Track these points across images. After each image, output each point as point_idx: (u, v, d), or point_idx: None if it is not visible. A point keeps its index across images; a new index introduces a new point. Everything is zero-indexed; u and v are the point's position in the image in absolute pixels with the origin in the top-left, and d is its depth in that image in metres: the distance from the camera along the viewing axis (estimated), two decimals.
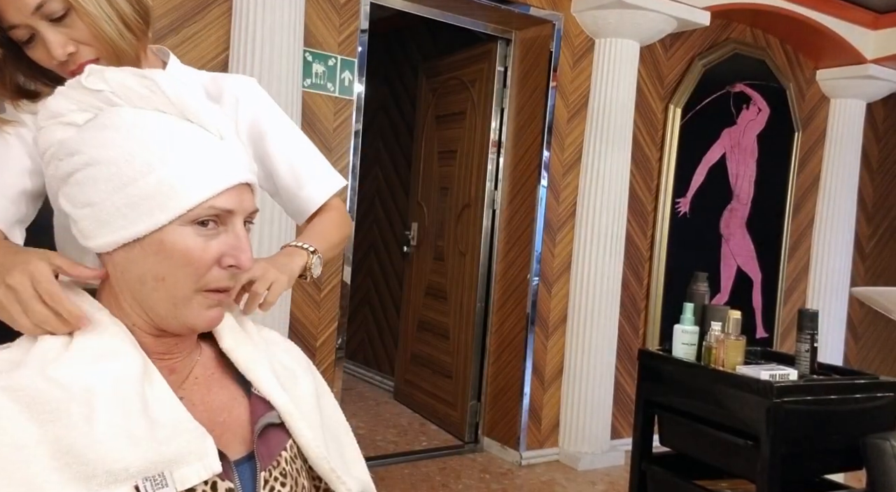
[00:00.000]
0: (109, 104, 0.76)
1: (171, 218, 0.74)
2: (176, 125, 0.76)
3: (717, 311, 2.19)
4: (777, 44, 4.26)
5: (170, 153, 0.74)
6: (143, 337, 0.79)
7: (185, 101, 0.76)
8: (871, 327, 4.95)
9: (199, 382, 0.83)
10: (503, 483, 3.28)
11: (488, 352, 3.72)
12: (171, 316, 0.77)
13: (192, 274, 0.75)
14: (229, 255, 0.77)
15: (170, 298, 0.76)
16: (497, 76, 3.66)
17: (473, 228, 3.74)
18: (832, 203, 4.43)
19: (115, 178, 0.73)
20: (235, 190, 0.77)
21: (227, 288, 0.79)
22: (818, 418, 2.01)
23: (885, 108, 4.82)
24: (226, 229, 0.78)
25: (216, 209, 0.76)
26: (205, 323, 0.79)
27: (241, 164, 0.79)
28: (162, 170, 0.73)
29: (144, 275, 0.76)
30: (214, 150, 0.77)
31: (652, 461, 2.34)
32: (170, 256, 0.74)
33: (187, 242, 0.75)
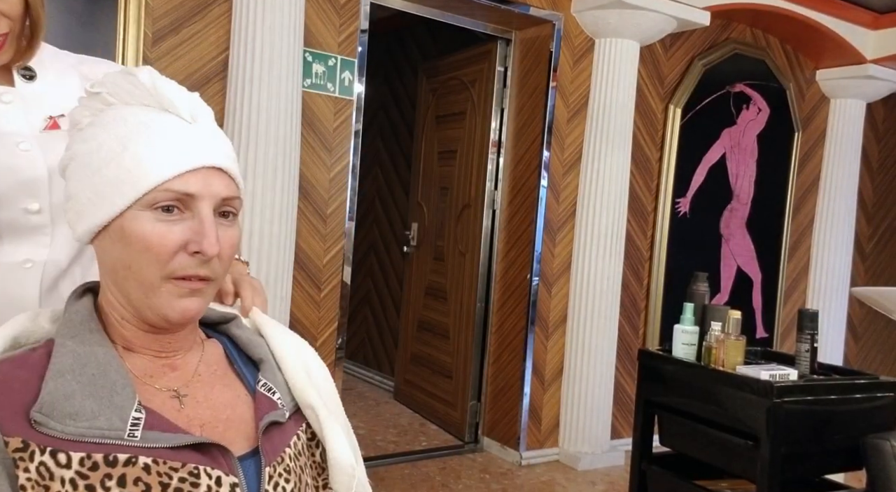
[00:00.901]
0: (106, 105, 0.78)
1: (127, 203, 0.73)
2: (149, 115, 0.76)
3: (717, 311, 2.19)
4: (777, 44, 4.26)
5: (134, 140, 0.74)
6: (133, 332, 0.78)
7: (160, 91, 0.76)
8: (871, 327, 4.95)
9: (202, 379, 0.81)
10: (503, 483, 3.28)
11: (488, 352, 3.73)
12: (144, 306, 0.76)
13: (153, 261, 0.73)
14: (193, 241, 0.74)
15: (139, 287, 0.75)
16: (497, 76, 3.66)
17: (473, 228, 3.74)
18: (832, 203, 4.43)
19: (87, 168, 0.76)
20: (200, 174, 0.75)
21: (196, 276, 0.75)
22: (818, 419, 2.01)
23: (885, 108, 4.82)
24: (192, 215, 0.75)
25: (174, 192, 0.73)
26: (178, 313, 0.76)
27: (209, 147, 0.77)
28: (124, 156, 0.74)
29: (115, 263, 0.75)
30: (180, 134, 0.76)
31: (652, 461, 2.34)
32: (130, 242, 0.73)
33: (145, 227, 0.73)
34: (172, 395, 0.78)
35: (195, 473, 0.71)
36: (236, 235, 0.80)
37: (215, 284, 0.79)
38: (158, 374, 0.79)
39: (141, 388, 0.76)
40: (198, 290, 0.76)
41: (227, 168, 0.78)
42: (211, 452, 0.73)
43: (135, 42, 2.51)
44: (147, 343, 0.79)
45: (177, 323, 0.77)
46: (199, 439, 0.73)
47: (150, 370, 0.79)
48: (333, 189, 3.01)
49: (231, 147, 0.82)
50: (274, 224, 2.54)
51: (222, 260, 0.78)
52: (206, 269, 0.76)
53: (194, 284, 0.75)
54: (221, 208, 0.78)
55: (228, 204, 0.78)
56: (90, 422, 0.69)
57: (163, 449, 0.70)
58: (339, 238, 3.05)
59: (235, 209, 0.80)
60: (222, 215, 0.78)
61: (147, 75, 0.77)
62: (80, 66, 1.16)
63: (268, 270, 2.57)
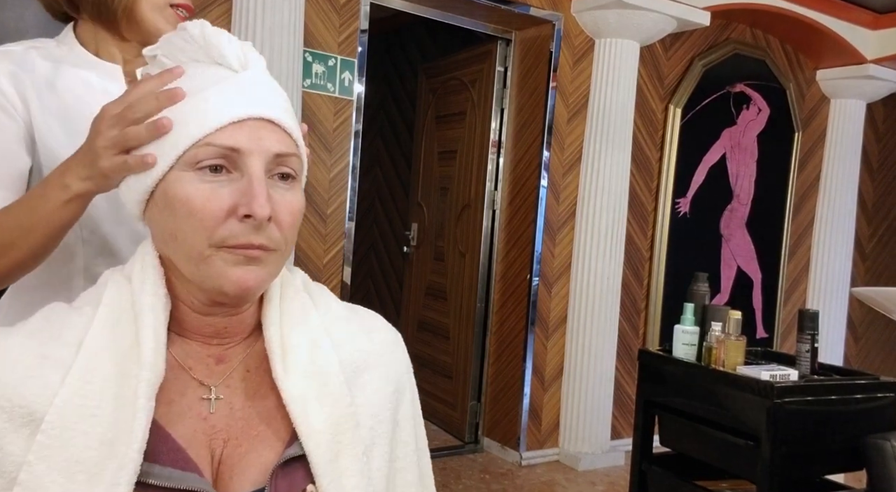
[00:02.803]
0: (161, 68, 0.72)
1: (169, 163, 0.66)
2: (197, 68, 0.69)
3: (717, 311, 2.19)
4: (777, 44, 4.26)
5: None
6: (189, 315, 0.70)
7: (209, 39, 0.69)
8: (871, 328, 4.95)
9: (248, 378, 0.71)
10: (503, 483, 3.28)
11: (488, 352, 3.72)
12: (197, 279, 0.66)
13: (199, 227, 0.64)
14: (242, 203, 0.64)
15: (188, 258, 0.66)
16: (497, 76, 3.66)
17: (473, 228, 3.74)
18: (832, 203, 4.43)
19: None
20: (248, 127, 0.66)
21: (250, 244, 0.65)
22: (819, 419, 2.01)
23: (886, 108, 4.82)
24: (241, 176, 0.65)
25: (217, 147, 0.65)
26: (233, 284, 0.65)
27: (258, 96, 0.68)
28: (167, 115, 0.68)
29: (163, 234, 0.67)
30: (225, 83, 0.67)
31: (652, 462, 2.33)
32: (174, 208, 0.65)
33: (187, 189, 0.65)
34: (205, 397, 0.69)
35: None
36: (297, 200, 0.69)
37: (278, 255, 0.68)
38: (201, 365, 0.70)
39: (176, 380, 0.68)
40: (255, 258, 0.66)
41: (279, 120, 0.68)
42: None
43: None
44: (199, 326, 0.70)
45: (234, 295, 0.66)
46: (186, 485, 0.63)
47: (193, 359, 0.70)
48: (333, 189, 3.01)
49: (286, 98, 0.72)
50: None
51: (281, 227, 0.67)
52: (261, 236, 0.65)
53: (250, 252, 0.65)
54: (276, 169, 0.68)
55: (284, 163, 0.68)
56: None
57: (150, 488, 0.62)
58: (339, 238, 3.05)
59: (294, 170, 0.69)
60: (280, 177, 0.68)
61: (197, 27, 0.70)
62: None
63: None
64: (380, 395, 0.74)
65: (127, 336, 0.66)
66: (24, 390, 0.61)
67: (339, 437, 0.69)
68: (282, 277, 0.75)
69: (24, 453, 0.60)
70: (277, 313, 0.73)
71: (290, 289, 0.75)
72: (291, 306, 0.74)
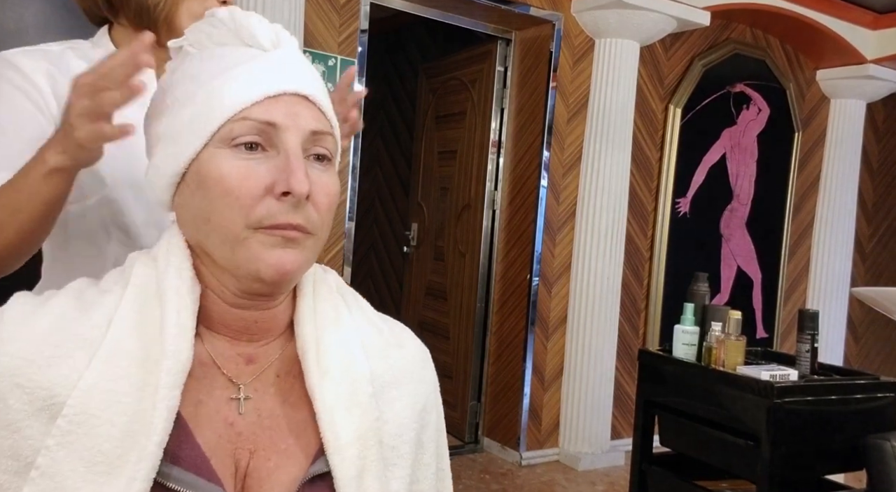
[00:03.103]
0: (186, 58, 0.70)
1: (203, 139, 0.62)
2: (226, 50, 0.67)
3: (717, 311, 2.19)
4: (777, 44, 4.26)
5: (208, 74, 0.65)
6: (219, 307, 0.66)
7: (239, 22, 0.67)
8: (871, 328, 4.95)
9: (278, 383, 0.67)
10: (503, 483, 3.28)
11: (488, 352, 3.72)
12: (232, 264, 0.63)
13: (235, 206, 0.61)
14: (279, 180, 0.61)
15: (223, 241, 0.62)
16: (497, 76, 3.66)
17: (473, 228, 3.74)
18: (832, 203, 4.43)
19: (161, 117, 0.67)
20: (283, 102, 0.63)
21: (289, 224, 0.62)
22: (818, 419, 2.01)
23: (886, 108, 4.81)
24: (277, 153, 0.63)
25: (253, 122, 0.62)
26: (271, 267, 0.62)
27: (292, 72, 0.66)
28: (197, 94, 0.64)
29: (196, 219, 0.64)
30: (258, 60, 0.65)
31: (652, 462, 2.33)
32: (208, 187, 0.62)
33: (222, 166, 0.62)
34: (233, 398, 0.65)
35: None
36: (333, 181, 0.67)
37: (314, 239, 0.65)
38: (230, 363, 0.67)
39: (204, 378, 0.65)
40: (293, 239, 0.62)
41: (315, 98, 0.66)
42: None
43: None
44: (230, 320, 0.66)
45: (271, 280, 0.63)
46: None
47: (222, 356, 0.67)
48: None
49: (319, 77, 0.69)
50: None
51: (318, 209, 0.64)
52: (299, 215, 0.62)
53: (288, 232, 0.62)
54: (312, 148, 0.65)
55: (319, 142, 0.66)
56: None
57: (165, 490, 0.59)
58: (339, 238, 3.05)
59: (329, 151, 0.67)
60: (315, 159, 0.66)
61: (225, 11, 0.68)
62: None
63: None
64: (406, 413, 0.71)
65: (153, 319, 0.63)
66: (49, 371, 0.58)
67: (365, 452, 0.65)
68: (315, 275, 0.73)
69: (42, 437, 0.57)
70: (311, 312, 0.69)
71: (324, 287, 0.73)
72: (325, 307, 0.71)
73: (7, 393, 0.58)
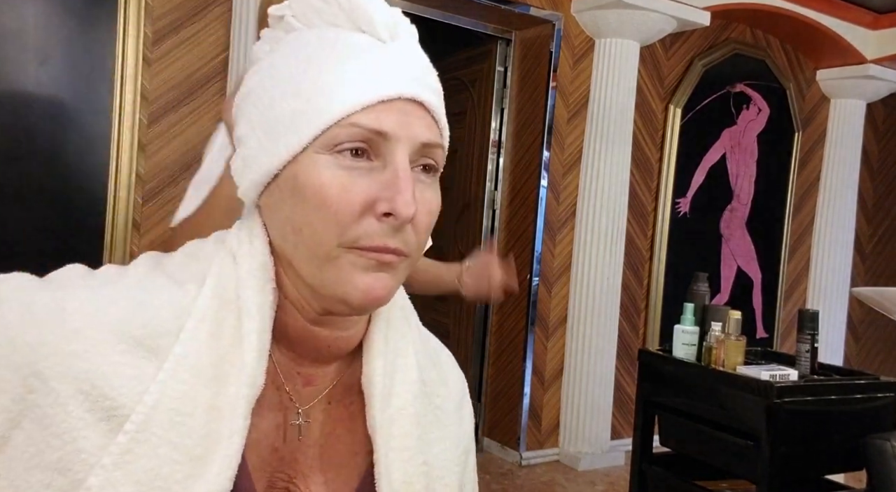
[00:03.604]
0: (289, 30, 0.61)
1: (304, 142, 0.55)
2: (338, 35, 0.58)
3: (717, 311, 2.19)
4: (777, 44, 4.26)
5: (316, 65, 0.57)
6: (296, 321, 0.59)
7: (354, 2, 0.58)
8: (871, 328, 4.95)
9: (329, 410, 0.62)
10: (503, 483, 3.28)
11: (488, 352, 3.72)
12: (317, 282, 0.56)
13: (331, 221, 0.54)
14: (383, 198, 0.54)
15: (311, 256, 0.55)
16: (497, 76, 3.66)
17: (473, 228, 3.74)
18: (832, 203, 4.43)
19: (259, 103, 0.58)
20: (396, 108, 0.55)
21: (386, 248, 0.55)
22: (818, 419, 2.01)
23: (886, 108, 4.82)
24: (382, 165, 0.55)
25: (362, 129, 0.54)
26: (360, 292, 0.55)
27: (409, 73, 0.57)
28: (301, 85, 0.56)
29: (284, 226, 0.57)
30: (373, 55, 0.57)
31: (652, 462, 2.33)
32: (304, 195, 0.55)
33: (322, 175, 0.54)
34: (294, 418, 0.60)
35: None
36: (436, 198, 0.59)
37: (409, 262, 0.58)
38: (290, 383, 0.60)
39: (264, 395, 0.58)
40: (388, 264, 0.56)
41: (430, 104, 0.58)
42: None
43: (134, 42, 2.51)
44: (304, 337, 0.60)
45: (358, 306, 0.56)
46: None
47: (284, 375, 0.60)
48: None
49: (437, 78, 0.62)
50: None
51: (418, 230, 0.57)
52: (398, 239, 0.55)
53: (384, 256, 0.55)
54: (420, 160, 0.57)
55: (429, 154, 0.58)
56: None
57: None
58: None
59: (438, 163, 0.59)
60: (422, 170, 0.58)
61: None
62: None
63: None
64: (449, 456, 0.66)
65: (228, 332, 0.56)
66: (115, 379, 0.51)
67: None
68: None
69: (99, 453, 0.51)
70: (384, 341, 0.63)
71: (396, 311, 0.66)
72: (396, 335, 0.64)
73: (69, 398, 0.51)
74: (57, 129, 2.44)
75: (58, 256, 2.40)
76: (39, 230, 2.43)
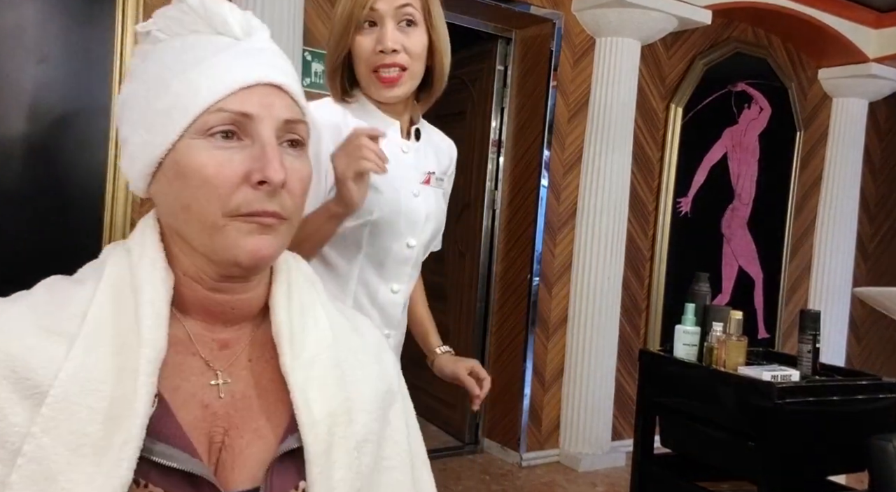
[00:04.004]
0: (156, 43, 0.71)
1: (179, 130, 0.64)
2: (199, 39, 0.68)
3: (718, 311, 2.18)
4: (779, 43, 4.25)
5: (182, 63, 0.67)
6: (196, 293, 0.69)
7: (210, 9, 0.68)
8: (873, 328, 4.93)
9: (249, 367, 0.71)
10: (503, 484, 3.27)
11: (488, 352, 3.71)
12: (210, 250, 0.66)
13: (213, 195, 0.64)
14: (255, 169, 0.64)
15: (201, 228, 0.65)
16: (497, 75, 3.65)
17: (473, 228, 3.73)
18: (834, 203, 4.42)
19: (137, 106, 0.68)
20: (257, 93, 0.66)
21: (265, 211, 0.65)
22: (820, 419, 2.00)
23: (888, 107, 4.80)
24: (252, 142, 0.66)
25: (229, 113, 0.64)
26: (247, 253, 0.65)
27: (264, 62, 0.68)
28: (172, 83, 0.66)
29: (173, 206, 0.66)
30: (232, 50, 0.67)
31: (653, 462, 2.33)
32: (186, 177, 0.64)
33: (200, 156, 0.64)
34: (213, 379, 0.69)
35: None
36: (306, 167, 0.70)
37: (288, 224, 0.68)
38: (205, 348, 0.70)
39: (181, 363, 0.68)
40: (269, 226, 0.66)
41: (286, 86, 0.68)
42: (204, 480, 0.63)
43: (133, 41, 2.50)
44: (206, 305, 0.69)
45: (248, 265, 0.66)
46: (187, 467, 0.62)
47: (198, 342, 0.70)
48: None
49: (291, 65, 0.72)
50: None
51: (293, 195, 0.67)
52: (274, 203, 0.65)
53: (264, 219, 0.65)
54: (286, 136, 0.68)
55: (293, 129, 0.69)
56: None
57: (151, 465, 0.62)
58: None
59: (302, 137, 0.70)
60: (289, 145, 0.69)
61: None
62: (432, 134, 1.42)
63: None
64: (372, 392, 0.74)
65: (128, 310, 0.65)
66: (30, 362, 0.61)
67: (334, 429, 0.69)
68: (289, 263, 0.76)
69: (28, 424, 0.59)
70: (286, 298, 0.73)
71: (299, 276, 0.76)
72: (299, 293, 0.74)
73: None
74: (55, 128, 2.43)
75: (56, 254, 2.39)
76: (37, 229, 2.42)
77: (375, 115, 1.28)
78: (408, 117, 1.32)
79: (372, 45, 1.20)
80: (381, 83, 1.22)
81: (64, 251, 2.41)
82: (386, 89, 1.23)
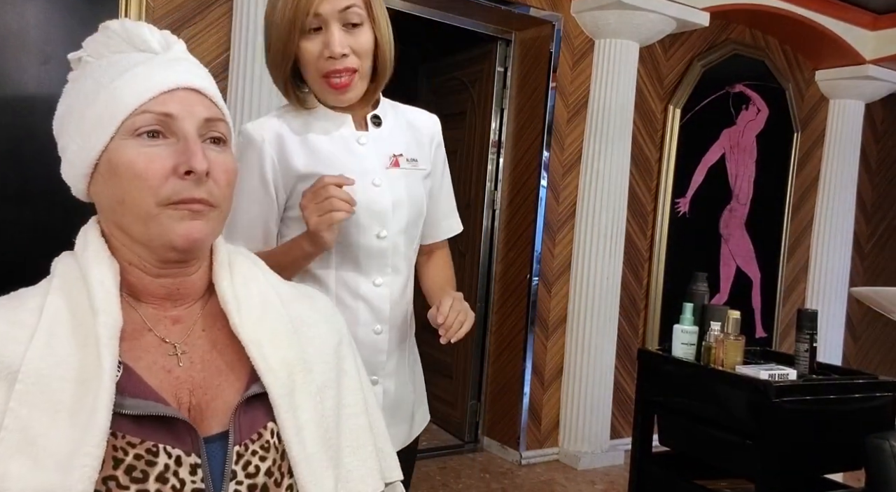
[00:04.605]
0: (85, 67, 0.79)
1: (110, 133, 0.73)
2: (122, 57, 0.77)
3: (716, 311, 2.20)
4: (776, 44, 4.27)
5: (109, 77, 0.75)
6: (142, 279, 0.76)
7: (130, 32, 0.77)
8: (870, 327, 4.96)
9: (204, 336, 0.78)
10: (503, 483, 3.29)
11: (488, 352, 3.73)
12: (146, 238, 0.73)
13: (145, 187, 0.72)
14: (181, 162, 0.72)
15: (137, 219, 0.73)
16: (497, 77, 3.66)
17: (473, 228, 3.74)
18: (831, 203, 4.44)
19: (70, 119, 0.77)
20: (178, 96, 0.74)
21: (193, 198, 0.73)
22: (817, 418, 2.01)
23: (884, 108, 4.82)
24: (177, 140, 0.74)
25: (153, 114, 0.73)
26: (181, 237, 0.73)
27: (183, 69, 0.77)
28: (100, 94, 0.74)
29: (111, 202, 0.74)
30: (153, 61, 0.76)
31: (651, 461, 2.34)
32: (119, 173, 0.72)
33: (130, 154, 0.72)
34: (170, 351, 0.76)
35: (153, 451, 0.68)
36: (230, 160, 0.78)
37: (218, 212, 0.76)
38: (160, 326, 0.77)
39: (139, 340, 0.74)
40: (199, 212, 0.74)
41: (204, 89, 0.77)
42: (177, 426, 0.70)
43: None
44: (153, 289, 0.77)
45: (183, 249, 0.74)
46: (158, 412, 0.69)
47: (151, 322, 0.77)
48: None
49: (208, 73, 0.81)
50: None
51: (219, 184, 0.75)
52: (202, 190, 0.73)
53: (193, 205, 0.73)
54: (208, 133, 0.76)
55: (214, 127, 0.77)
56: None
57: (124, 418, 0.68)
58: None
59: (224, 134, 0.78)
60: (212, 141, 0.77)
61: (117, 23, 0.79)
62: (407, 113, 1.40)
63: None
64: (326, 346, 0.83)
65: (81, 295, 0.72)
66: (1, 349, 0.67)
67: (293, 376, 0.77)
68: (229, 248, 0.84)
69: (5, 402, 0.65)
70: (228, 273, 0.81)
71: (238, 256, 0.85)
72: (240, 269, 0.83)
73: None
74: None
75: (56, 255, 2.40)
76: (40, 230, 2.43)
77: (321, 114, 1.27)
78: (362, 108, 1.29)
79: (319, 49, 1.19)
80: (333, 89, 1.21)
81: (64, 252, 2.42)
82: (339, 94, 1.22)
